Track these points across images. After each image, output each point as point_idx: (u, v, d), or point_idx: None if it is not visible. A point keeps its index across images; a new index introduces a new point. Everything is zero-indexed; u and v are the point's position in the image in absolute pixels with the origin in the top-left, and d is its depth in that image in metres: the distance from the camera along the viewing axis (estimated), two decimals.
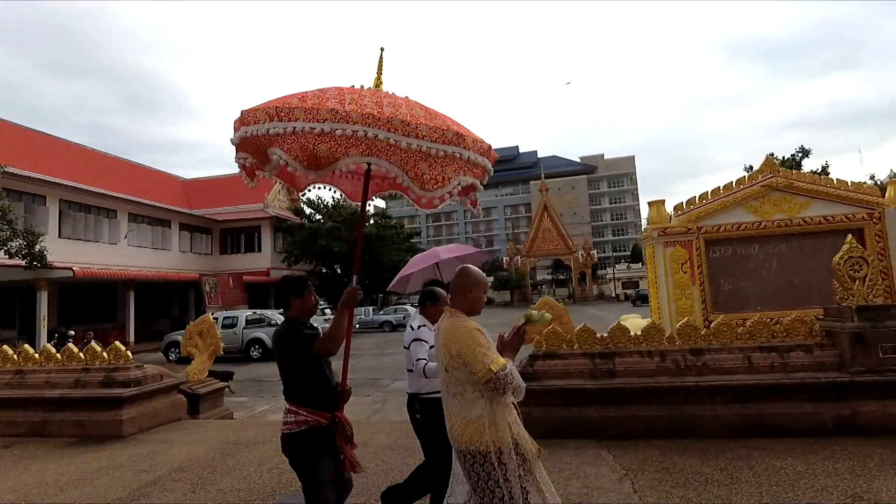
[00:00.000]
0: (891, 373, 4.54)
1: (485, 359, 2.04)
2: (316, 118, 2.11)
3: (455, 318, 2.21)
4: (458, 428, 2.14)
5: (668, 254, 6.42)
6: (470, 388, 2.11)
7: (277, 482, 4.08)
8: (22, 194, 20.34)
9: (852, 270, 4.98)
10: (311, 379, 2.53)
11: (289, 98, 2.32)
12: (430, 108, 2.48)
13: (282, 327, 2.62)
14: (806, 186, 6.30)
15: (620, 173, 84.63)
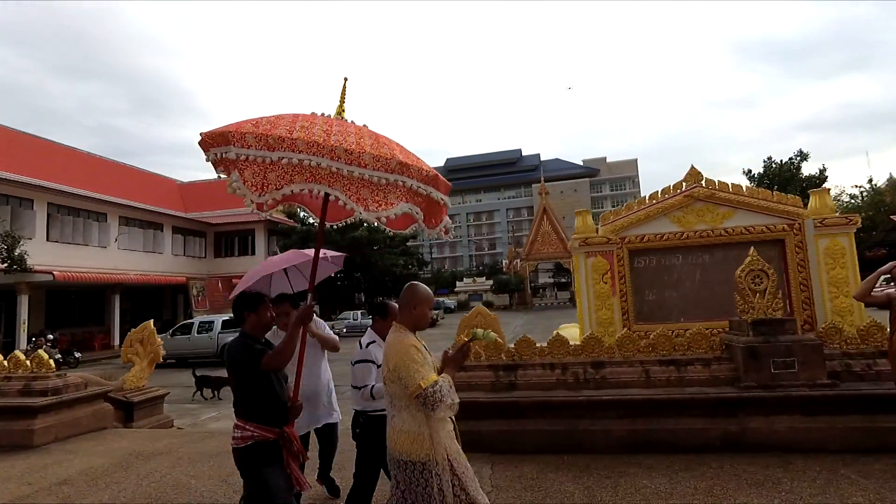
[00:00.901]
0: (780, 388, 4.47)
1: (416, 375, 2.15)
2: (266, 146, 2.22)
3: (397, 334, 2.32)
4: (395, 438, 2.23)
5: (589, 264, 6.37)
6: (407, 402, 2.20)
7: (151, 496, 4.09)
8: (9, 198, 20.64)
9: (753, 283, 4.92)
10: (260, 394, 2.56)
11: (244, 123, 2.41)
12: (383, 136, 2.55)
13: (234, 342, 2.66)
14: (728, 197, 6.22)
15: (623, 176, 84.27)
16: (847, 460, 3.99)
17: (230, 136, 2.29)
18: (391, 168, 2.30)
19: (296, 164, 2.24)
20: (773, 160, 51.19)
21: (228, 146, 2.29)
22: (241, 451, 2.53)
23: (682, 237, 6.25)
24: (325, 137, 2.27)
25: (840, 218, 5.82)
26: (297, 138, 2.23)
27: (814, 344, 4.58)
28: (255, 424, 2.53)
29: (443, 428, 2.22)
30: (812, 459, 4.06)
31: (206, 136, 2.43)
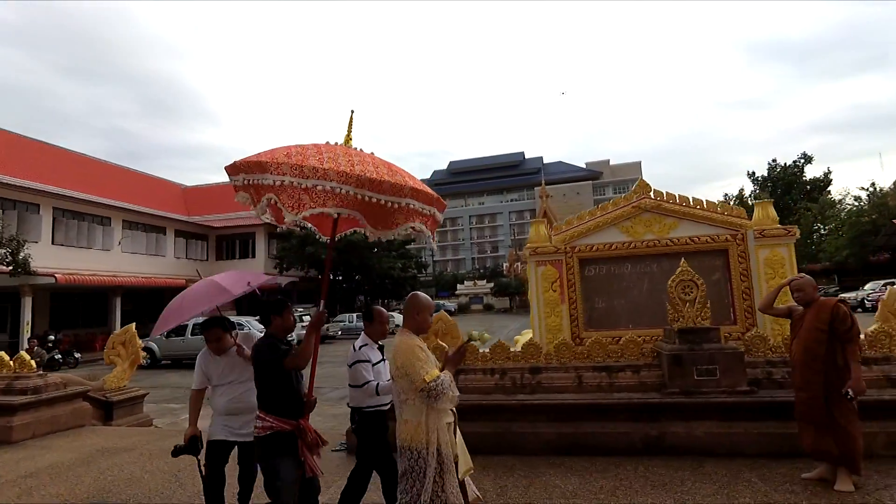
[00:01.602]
0: (701, 395, 4.69)
1: (421, 371, 2.48)
2: (301, 174, 2.55)
3: (404, 336, 2.68)
4: (400, 427, 2.58)
5: (540, 272, 6.60)
6: (412, 395, 2.53)
7: (103, 489, 4.40)
8: (16, 203, 21.30)
9: (683, 293, 5.13)
10: (281, 389, 2.87)
11: (276, 153, 2.74)
12: (393, 164, 2.92)
13: (262, 342, 2.97)
14: (674, 208, 6.43)
15: (626, 179, 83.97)
16: (756, 464, 4.20)
17: (267, 165, 2.60)
18: (404, 193, 2.67)
19: (328, 190, 2.55)
20: (777, 162, 51.01)
21: (265, 174, 2.61)
22: (260, 440, 2.84)
23: (629, 247, 6.47)
24: (350, 167, 2.60)
25: (779, 229, 6.01)
26: (328, 168, 2.56)
27: (735, 352, 4.79)
28: (275, 417, 2.84)
29: (441, 420, 2.55)
30: (724, 463, 4.27)
31: (240, 163, 2.74)
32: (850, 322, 3.79)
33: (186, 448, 3.32)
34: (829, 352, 3.83)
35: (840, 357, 3.80)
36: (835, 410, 3.76)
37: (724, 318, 6.18)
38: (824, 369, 3.83)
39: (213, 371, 3.40)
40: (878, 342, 4.83)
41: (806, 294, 4.04)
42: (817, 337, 3.87)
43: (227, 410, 3.33)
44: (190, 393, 3.53)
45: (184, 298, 3.61)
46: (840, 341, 3.80)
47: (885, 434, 4.27)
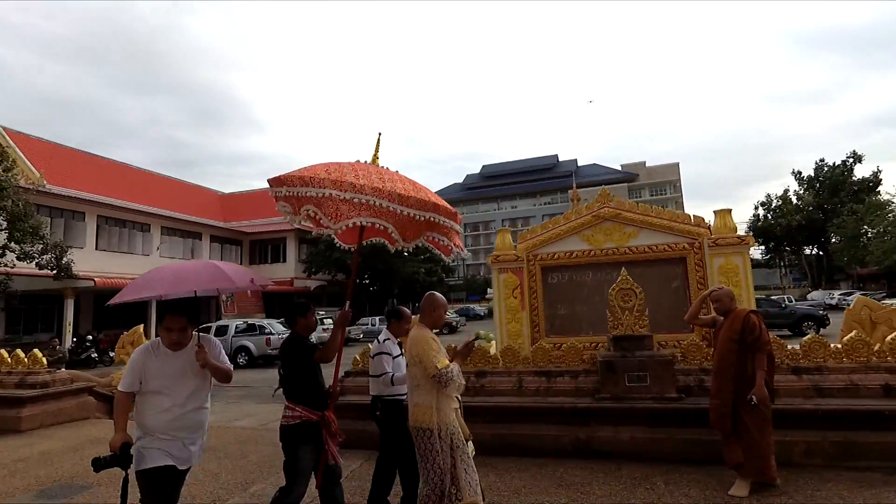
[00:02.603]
0: (630, 401, 4.80)
1: (434, 359, 2.90)
2: (340, 188, 2.93)
3: (420, 329, 3.10)
4: (413, 410, 2.98)
5: (502, 280, 6.81)
6: (424, 381, 2.94)
7: (76, 473, 4.97)
8: (63, 211, 23.15)
9: (623, 301, 5.25)
10: (308, 383, 3.16)
11: (316, 169, 3.13)
12: (415, 181, 3.32)
13: (290, 339, 3.30)
14: (633, 217, 6.50)
15: (663, 181, 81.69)
16: (672, 469, 4.30)
17: (309, 179, 2.97)
18: (428, 208, 3.04)
19: (363, 203, 2.91)
20: (824, 162, 48.45)
21: (307, 187, 2.97)
22: (288, 428, 3.10)
23: (590, 255, 6.59)
24: (381, 184, 2.98)
25: (733, 238, 6.00)
26: (363, 184, 2.94)
27: (665, 360, 4.87)
28: (303, 407, 3.10)
29: (449, 405, 2.97)
30: (641, 467, 4.38)
31: (283, 177, 3.11)
32: (759, 331, 3.86)
33: (114, 460, 2.49)
34: (740, 361, 3.91)
35: (750, 366, 3.87)
36: (745, 418, 3.84)
37: (683, 326, 6.18)
38: (735, 377, 3.91)
39: (156, 372, 2.66)
40: (813, 352, 4.79)
41: (723, 304, 4.12)
42: (730, 346, 3.96)
43: (170, 428, 2.63)
44: (116, 397, 2.77)
45: (180, 271, 2.94)
46: (750, 350, 3.87)
47: (803, 443, 4.27)
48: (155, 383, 2.66)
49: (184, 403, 2.69)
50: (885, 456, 4.09)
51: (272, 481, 4.54)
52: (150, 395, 2.66)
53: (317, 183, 2.92)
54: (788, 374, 4.70)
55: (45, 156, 24.42)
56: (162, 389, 2.66)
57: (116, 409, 2.68)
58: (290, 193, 3.08)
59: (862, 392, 4.44)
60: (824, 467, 4.15)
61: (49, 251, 18.07)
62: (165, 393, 2.66)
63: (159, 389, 2.65)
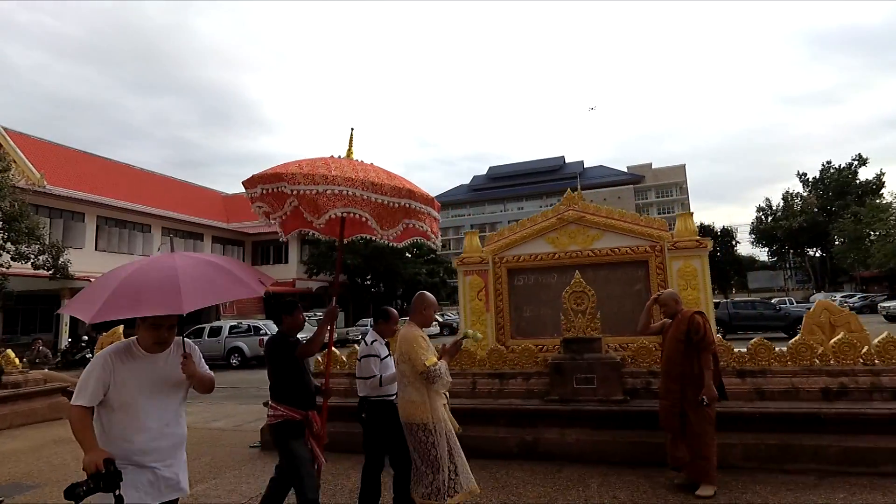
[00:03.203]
0: (577, 402, 4.87)
1: (423, 357, 3.03)
2: (313, 181, 2.95)
3: (409, 328, 3.20)
4: (404, 407, 3.10)
5: (467, 282, 6.89)
6: (414, 378, 3.06)
7: (30, 473, 5.12)
8: (62, 212, 23.50)
9: (576, 304, 5.32)
10: (292, 380, 3.16)
11: (290, 165, 3.14)
12: (390, 171, 3.37)
13: (273, 337, 3.31)
14: (597, 220, 6.55)
15: (670, 183, 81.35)
16: (611, 471, 4.36)
17: (282, 175, 2.97)
18: (402, 194, 3.10)
19: (337, 194, 2.93)
20: (830, 164, 48.04)
21: (282, 182, 2.97)
22: (273, 427, 3.15)
23: (554, 257, 6.65)
24: (355, 174, 3.04)
25: (691, 241, 6.04)
26: (335, 175, 2.97)
27: (613, 362, 4.94)
28: (286, 406, 3.11)
29: (439, 400, 3.11)
30: (582, 469, 4.45)
31: (257, 176, 3.10)
32: (704, 332, 3.92)
33: (97, 481, 1.91)
34: (687, 361, 3.97)
35: (696, 366, 3.92)
36: (691, 419, 3.90)
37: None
38: (682, 378, 3.97)
39: (128, 381, 2.14)
40: (759, 355, 4.83)
41: (669, 308, 4.18)
42: (676, 347, 4.02)
43: (145, 452, 2.14)
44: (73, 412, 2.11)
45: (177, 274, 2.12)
46: (696, 350, 3.92)
47: (742, 445, 4.32)
48: (125, 395, 2.12)
49: (164, 416, 2.21)
50: (819, 459, 4.13)
51: (216, 483, 4.65)
52: (117, 411, 2.12)
53: (289, 178, 2.94)
54: (733, 376, 4.75)
55: (46, 156, 24.80)
56: (134, 402, 2.13)
57: (77, 426, 2.05)
58: (266, 191, 3.07)
59: (802, 395, 4.48)
60: (760, 470, 4.20)
61: (45, 252, 18.37)
62: (139, 407, 2.14)
63: (130, 402, 2.12)
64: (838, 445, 4.12)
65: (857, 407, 4.23)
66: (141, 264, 2.27)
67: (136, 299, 2.03)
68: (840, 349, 4.68)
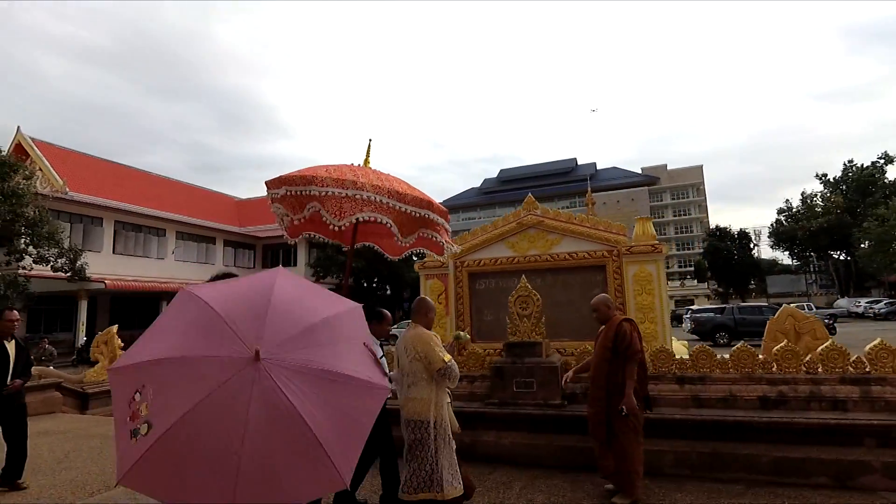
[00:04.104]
0: (515, 406, 4.88)
1: (441, 354, 3.23)
2: (343, 186, 3.11)
3: (419, 330, 3.38)
4: (410, 403, 3.24)
5: (428, 285, 6.94)
6: (424, 376, 3.23)
7: None
8: (82, 217, 24.41)
9: (521, 308, 5.34)
10: None
11: (317, 169, 3.28)
12: (406, 182, 3.55)
13: None
14: (555, 224, 6.54)
15: (685, 184, 79.78)
16: (539, 475, 4.37)
17: (312, 178, 3.11)
18: (422, 205, 3.29)
19: (365, 199, 3.08)
20: (853, 163, 46.47)
21: (311, 185, 3.09)
22: None
23: (514, 262, 6.66)
24: (380, 182, 3.22)
25: (645, 246, 5.98)
26: (364, 182, 3.13)
27: (552, 366, 4.94)
28: None
29: (445, 399, 3.27)
30: (512, 471, 4.46)
31: (284, 178, 3.21)
32: (630, 340, 3.85)
33: None
34: (613, 369, 3.91)
35: (622, 375, 3.86)
36: (616, 427, 3.85)
37: None
38: (607, 386, 3.93)
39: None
40: (700, 361, 4.77)
41: (601, 313, 4.15)
42: (604, 354, 3.98)
43: None
44: None
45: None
46: (622, 359, 3.87)
47: (673, 453, 4.26)
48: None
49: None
50: (750, 468, 4.06)
51: None
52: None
53: (319, 182, 3.05)
54: (673, 383, 4.70)
55: (68, 164, 25.81)
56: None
57: None
58: (291, 192, 3.15)
59: (739, 403, 4.41)
60: (691, 478, 4.15)
61: (64, 255, 19.12)
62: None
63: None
64: (770, 455, 4.03)
65: (788, 416, 4.15)
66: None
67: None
68: (783, 357, 4.59)
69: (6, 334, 4.75)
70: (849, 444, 3.94)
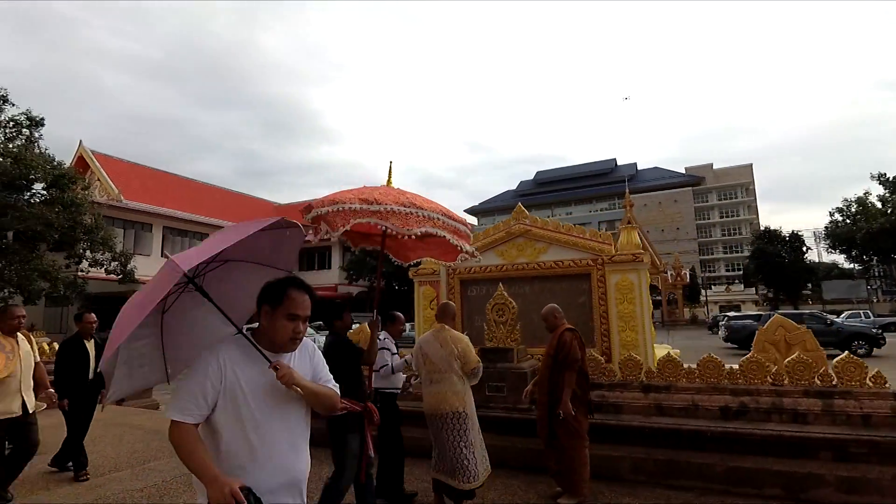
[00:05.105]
0: (486, 409, 5.09)
1: (475, 354, 3.79)
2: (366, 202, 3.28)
3: (452, 331, 3.87)
4: (446, 396, 3.67)
5: (421, 292, 7.24)
6: (456, 372, 3.69)
7: None
8: (134, 223, 26.34)
9: (497, 315, 5.56)
10: (354, 378, 3.49)
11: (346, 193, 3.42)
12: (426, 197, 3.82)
13: (339, 340, 3.64)
14: (542, 233, 6.69)
15: (734, 184, 76.21)
16: (502, 474, 4.58)
17: (338, 199, 3.28)
18: (447, 214, 3.59)
19: (390, 211, 3.27)
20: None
21: (340, 203, 3.23)
22: (336, 418, 3.28)
23: (502, 269, 6.87)
24: (404, 198, 3.46)
25: (626, 255, 6.04)
26: (387, 198, 3.36)
27: (521, 372, 5.13)
28: (348, 399, 3.42)
29: (471, 393, 3.80)
30: None
31: (317, 202, 3.39)
32: (567, 350, 4.04)
33: None
34: (554, 376, 4.12)
35: (562, 381, 4.07)
36: (557, 430, 4.06)
37: (588, 340, 6.28)
38: (550, 392, 4.14)
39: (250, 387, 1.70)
40: (666, 370, 4.83)
41: (548, 322, 4.35)
42: (546, 361, 4.21)
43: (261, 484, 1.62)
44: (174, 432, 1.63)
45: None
46: (561, 366, 4.07)
47: (630, 459, 4.37)
48: (238, 411, 1.66)
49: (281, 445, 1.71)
50: (704, 477, 4.12)
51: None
52: (226, 431, 1.66)
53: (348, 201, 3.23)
54: (638, 391, 4.79)
55: (123, 174, 27.90)
56: (249, 421, 1.67)
57: (185, 448, 1.58)
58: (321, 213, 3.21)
59: (700, 413, 4.46)
60: (646, 483, 4.25)
61: (117, 259, 20.74)
62: (256, 428, 1.67)
63: (244, 420, 1.67)
64: (724, 464, 4.09)
65: (745, 427, 4.17)
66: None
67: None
68: (748, 368, 4.59)
69: (87, 335, 5.36)
70: (803, 457, 3.93)
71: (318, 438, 5.40)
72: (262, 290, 1.82)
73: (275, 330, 1.77)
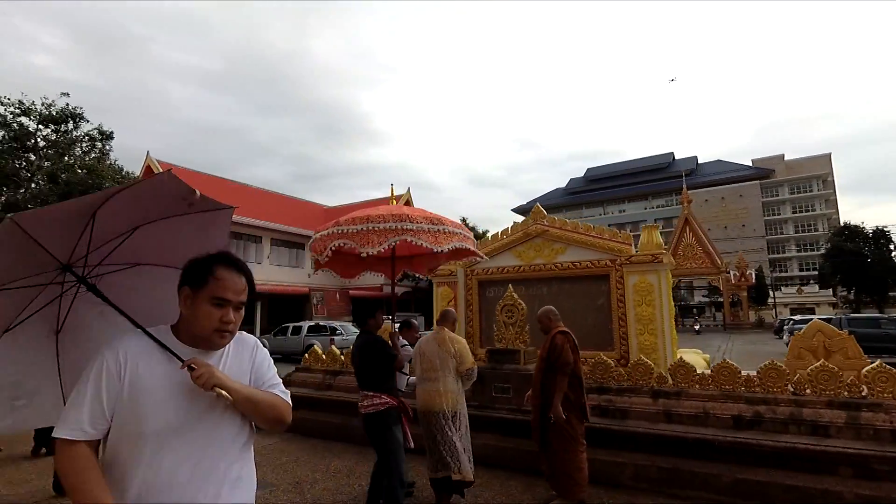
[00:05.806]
0: (491, 409, 5.10)
1: (471, 356, 4.00)
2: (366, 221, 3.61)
3: (450, 333, 4.04)
4: (444, 394, 3.77)
5: (439, 292, 7.29)
6: (453, 372, 3.84)
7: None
8: None
9: (507, 317, 5.53)
10: (391, 376, 3.70)
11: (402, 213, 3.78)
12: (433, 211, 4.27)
13: (374, 338, 3.73)
14: (560, 234, 6.53)
15: (808, 176, 70.30)
16: (502, 475, 4.58)
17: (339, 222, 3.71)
18: (455, 225, 3.94)
19: (392, 229, 3.52)
20: None
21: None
22: (378, 414, 3.54)
23: (519, 271, 6.79)
24: (412, 213, 3.78)
25: (645, 256, 5.79)
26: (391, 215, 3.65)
27: (527, 374, 5.06)
28: (388, 395, 3.59)
29: (464, 394, 3.99)
30: (478, 470, 4.57)
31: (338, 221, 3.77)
32: (559, 353, 3.96)
33: None
34: (547, 380, 4.05)
35: (552, 385, 3.98)
36: (550, 435, 3.99)
37: (607, 343, 6.14)
38: (542, 395, 4.08)
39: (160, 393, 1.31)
40: (679, 376, 4.60)
41: (543, 325, 4.29)
42: (539, 364, 4.15)
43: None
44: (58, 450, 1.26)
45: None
46: (553, 370, 3.99)
47: (633, 466, 4.22)
48: (147, 423, 1.28)
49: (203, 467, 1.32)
50: (710, 487, 3.91)
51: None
52: (127, 451, 1.28)
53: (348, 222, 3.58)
54: (647, 396, 4.61)
55: (185, 181, 29.99)
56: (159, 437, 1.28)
57: (69, 469, 1.23)
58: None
59: (711, 421, 4.22)
60: (648, 491, 4.09)
61: None
62: (169, 445, 1.29)
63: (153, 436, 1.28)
64: (731, 476, 3.85)
65: (756, 437, 3.91)
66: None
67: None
68: (766, 375, 4.30)
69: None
70: (820, 472, 3.63)
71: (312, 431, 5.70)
72: (183, 270, 1.39)
73: (196, 319, 1.33)
